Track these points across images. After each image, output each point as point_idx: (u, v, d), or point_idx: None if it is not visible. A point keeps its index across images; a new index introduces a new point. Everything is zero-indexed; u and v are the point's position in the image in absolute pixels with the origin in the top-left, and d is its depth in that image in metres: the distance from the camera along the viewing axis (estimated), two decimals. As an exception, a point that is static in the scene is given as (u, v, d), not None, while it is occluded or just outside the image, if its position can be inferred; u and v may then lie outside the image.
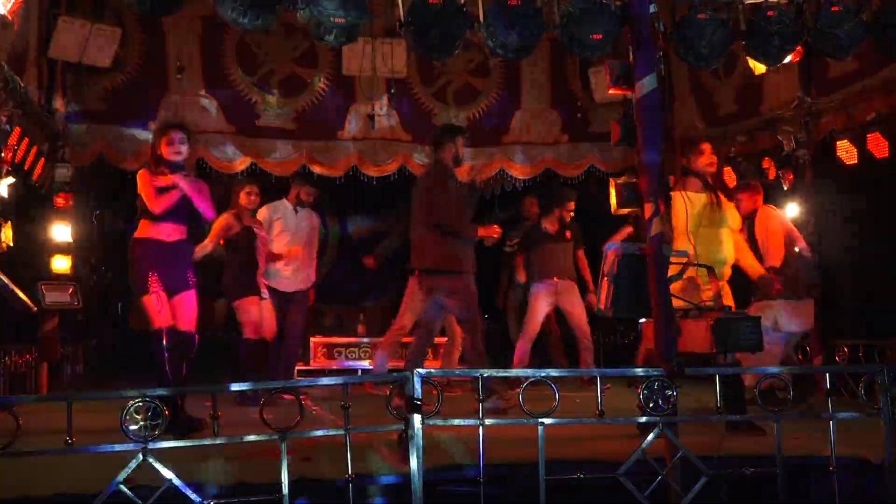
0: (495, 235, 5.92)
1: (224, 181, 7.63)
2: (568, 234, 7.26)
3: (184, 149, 4.75)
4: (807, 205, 6.77)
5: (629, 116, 3.79)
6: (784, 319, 5.55)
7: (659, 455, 3.25)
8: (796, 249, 5.71)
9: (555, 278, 7.15)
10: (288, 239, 6.68)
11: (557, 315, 7.46)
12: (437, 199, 5.46)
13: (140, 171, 4.76)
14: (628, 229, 6.93)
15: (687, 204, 4.75)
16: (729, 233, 4.98)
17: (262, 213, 6.66)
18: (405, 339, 6.40)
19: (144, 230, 4.71)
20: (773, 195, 6.97)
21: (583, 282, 7.39)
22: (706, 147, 5.05)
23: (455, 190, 5.54)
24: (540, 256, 7.23)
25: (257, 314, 6.21)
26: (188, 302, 4.76)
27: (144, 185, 4.65)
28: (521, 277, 7.57)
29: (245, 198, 6.33)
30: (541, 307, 7.15)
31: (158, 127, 4.95)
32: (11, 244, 5.82)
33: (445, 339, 7.18)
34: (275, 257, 6.54)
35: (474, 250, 5.64)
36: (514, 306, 8.08)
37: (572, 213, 7.29)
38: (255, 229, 6.35)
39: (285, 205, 6.81)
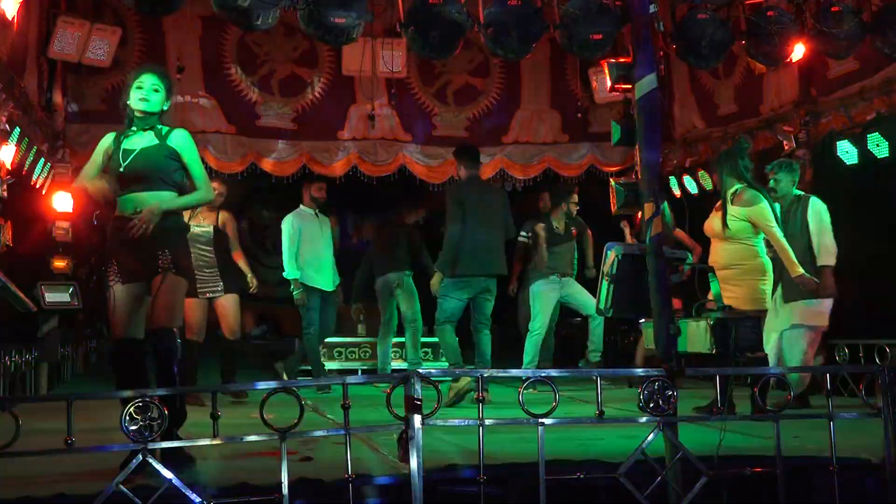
0: None
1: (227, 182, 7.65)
2: (574, 231, 7.32)
3: (154, 97, 3.71)
4: (807, 205, 6.77)
5: (629, 116, 3.78)
6: (826, 320, 5.61)
7: (659, 455, 3.25)
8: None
9: (558, 275, 7.23)
10: (317, 243, 7.08)
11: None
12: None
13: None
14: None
15: None
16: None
17: (290, 223, 7.07)
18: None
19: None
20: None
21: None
22: None
23: None
24: (546, 253, 7.26)
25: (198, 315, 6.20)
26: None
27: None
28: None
29: (219, 199, 6.38)
30: (548, 305, 7.22)
31: (130, 74, 3.82)
32: (11, 244, 5.81)
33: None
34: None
35: None
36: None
37: (578, 206, 7.35)
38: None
39: (306, 211, 7.18)
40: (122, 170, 3.62)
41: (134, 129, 3.73)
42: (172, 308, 3.63)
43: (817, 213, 5.60)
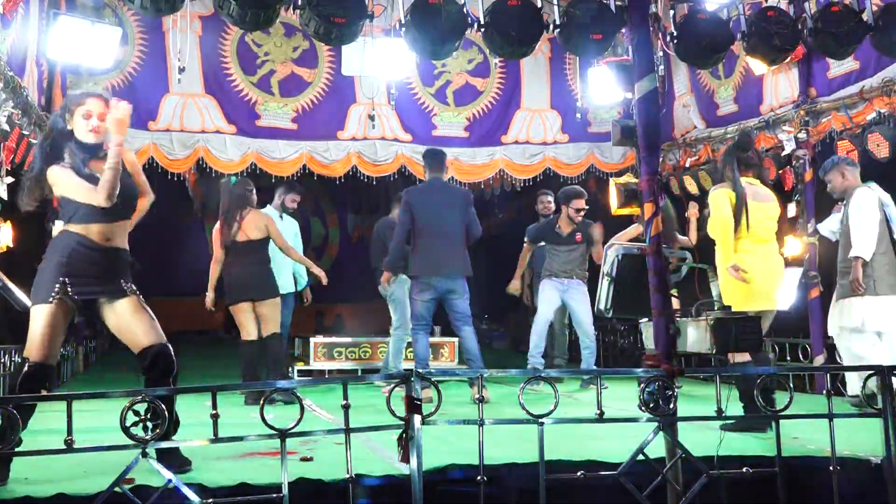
0: None
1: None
2: (578, 237, 7.27)
3: (102, 127, 3.53)
4: (807, 205, 6.77)
5: (629, 116, 3.79)
6: (870, 319, 5.34)
7: (659, 455, 3.25)
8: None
9: (562, 278, 7.24)
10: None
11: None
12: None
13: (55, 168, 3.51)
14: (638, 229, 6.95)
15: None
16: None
17: None
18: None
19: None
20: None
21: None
22: None
23: None
24: (549, 255, 7.32)
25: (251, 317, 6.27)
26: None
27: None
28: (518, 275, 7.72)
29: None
30: (549, 299, 7.26)
31: (71, 96, 3.66)
32: (11, 244, 5.81)
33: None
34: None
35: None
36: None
37: (581, 213, 7.22)
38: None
39: (272, 211, 7.01)
40: (117, 201, 3.48)
41: (83, 157, 3.56)
42: (158, 325, 3.62)
43: (855, 204, 5.46)
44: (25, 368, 3.49)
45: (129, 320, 3.58)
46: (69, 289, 3.49)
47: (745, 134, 5.00)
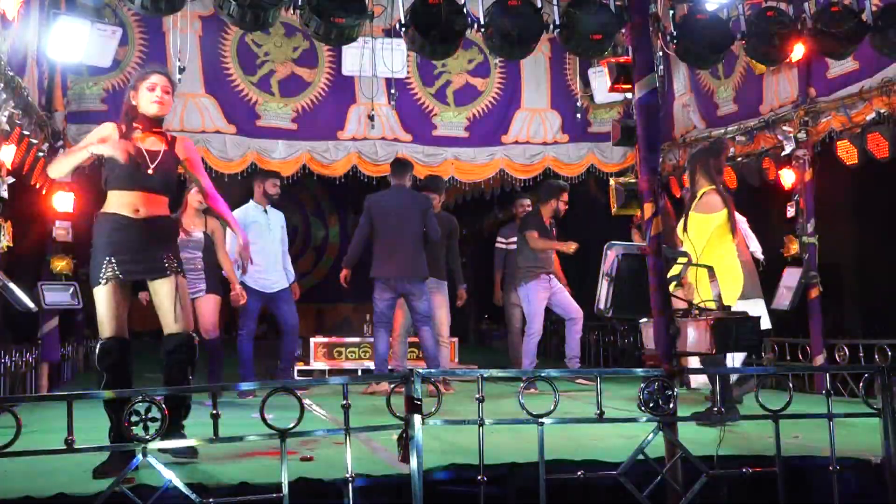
0: None
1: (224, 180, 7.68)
2: (554, 231, 7.35)
3: (167, 99, 3.72)
4: (807, 205, 6.77)
5: (629, 116, 3.79)
6: None
7: (659, 455, 3.25)
8: None
9: (550, 275, 7.26)
10: (263, 240, 6.74)
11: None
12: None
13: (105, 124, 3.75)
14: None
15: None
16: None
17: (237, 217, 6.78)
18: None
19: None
20: (773, 195, 6.97)
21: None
22: None
23: None
24: (536, 253, 7.21)
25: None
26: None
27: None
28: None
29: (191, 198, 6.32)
30: (541, 303, 7.21)
31: (138, 72, 3.81)
32: (11, 244, 5.81)
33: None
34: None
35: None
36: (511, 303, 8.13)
37: (566, 206, 7.32)
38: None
39: (254, 206, 6.91)
40: (150, 171, 3.61)
41: (138, 129, 3.70)
42: (190, 312, 3.74)
43: None
44: (99, 345, 3.57)
45: (161, 302, 3.66)
46: (116, 268, 3.56)
47: (719, 140, 5.08)
